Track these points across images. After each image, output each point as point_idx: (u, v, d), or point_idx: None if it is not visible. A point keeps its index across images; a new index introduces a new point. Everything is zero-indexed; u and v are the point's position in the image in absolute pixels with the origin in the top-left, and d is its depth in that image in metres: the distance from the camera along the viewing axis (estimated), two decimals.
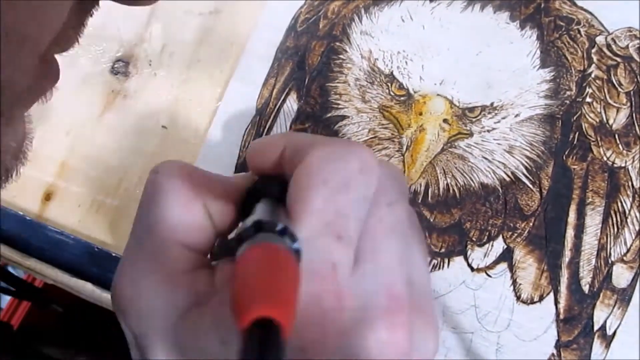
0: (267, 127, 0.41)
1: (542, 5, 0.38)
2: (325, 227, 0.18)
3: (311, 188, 0.18)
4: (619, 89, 0.36)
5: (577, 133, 0.36)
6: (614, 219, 0.34)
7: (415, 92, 0.38)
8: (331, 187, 0.18)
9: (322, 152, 0.19)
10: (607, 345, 0.33)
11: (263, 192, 0.20)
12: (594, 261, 0.34)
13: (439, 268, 0.36)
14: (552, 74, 0.37)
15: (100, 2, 0.21)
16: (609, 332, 0.33)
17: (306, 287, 0.17)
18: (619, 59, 0.37)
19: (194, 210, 0.19)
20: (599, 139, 0.36)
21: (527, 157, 0.36)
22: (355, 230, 0.18)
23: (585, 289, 0.34)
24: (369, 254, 0.19)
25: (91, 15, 0.21)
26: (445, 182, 0.37)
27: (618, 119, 0.36)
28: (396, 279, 0.18)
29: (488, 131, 0.37)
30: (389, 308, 0.18)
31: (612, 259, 0.34)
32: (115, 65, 0.45)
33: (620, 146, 0.35)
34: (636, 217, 0.34)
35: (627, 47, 0.37)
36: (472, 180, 0.37)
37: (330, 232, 0.18)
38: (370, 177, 0.19)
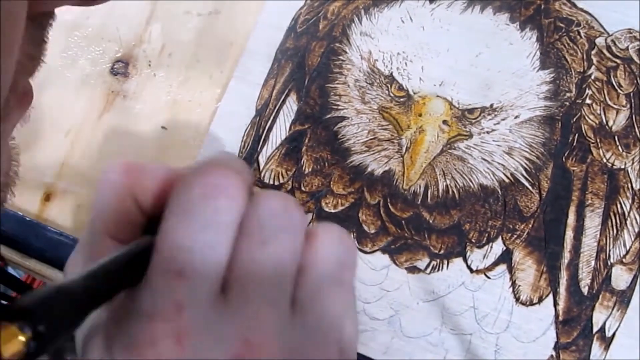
0: (266, 127, 0.41)
1: (542, 7, 0.38)
2: (163, 264, 0.17)
3: (160, 229, 0.17)
4: (619, 91, 0.36)
5: (576, 135, 0.36)
6: (613, 221, 0.34)
7: (414, 93, 0.38)
8: (170, 221, 0.17)
9: (173, 191, 0.18)
10: (607, 347, 0.33)
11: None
12: (593, 263, 0.34)
13: (438, 269, 0.36)
14: (551, 75, 0.37)
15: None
16: (608, 333, 0.33)
17: (144, 333, 0.16)
18: (618, 61, 0.37)
19: (125, 204, 0.19)
20: (598, 140, 0.36)
21: (527, 158, 0.36)
22: (209, 261, 0.17)
23: (585, 290, 0.34)
24: (237, 293, 0.17)
25: (50, 26, 0.20)
26: (444, 184, 0.37)
27: (618, 120, 0.36)
28: (259, 327, 0.17)
29: (487, 132, 0.37)
30: (238, 354, 0.16)
31: (612, 260, 0.34)
32: (115, 66, 0.45)
33: (619, 148, 0.35)
34: (635, 219, 0.34)
35: (627, 48, 0.37)
36: (471, 181, 0.37)
37: (169, 268, 0.16)
38: (218, 200, 0.17)
